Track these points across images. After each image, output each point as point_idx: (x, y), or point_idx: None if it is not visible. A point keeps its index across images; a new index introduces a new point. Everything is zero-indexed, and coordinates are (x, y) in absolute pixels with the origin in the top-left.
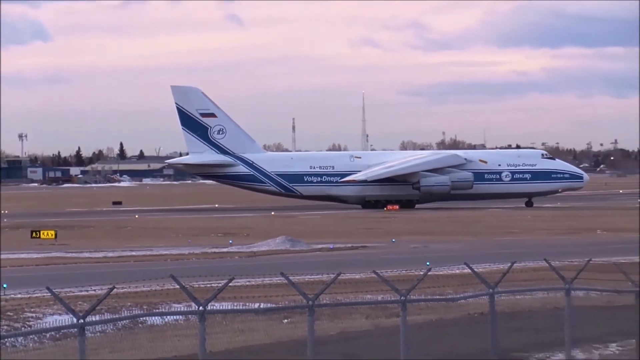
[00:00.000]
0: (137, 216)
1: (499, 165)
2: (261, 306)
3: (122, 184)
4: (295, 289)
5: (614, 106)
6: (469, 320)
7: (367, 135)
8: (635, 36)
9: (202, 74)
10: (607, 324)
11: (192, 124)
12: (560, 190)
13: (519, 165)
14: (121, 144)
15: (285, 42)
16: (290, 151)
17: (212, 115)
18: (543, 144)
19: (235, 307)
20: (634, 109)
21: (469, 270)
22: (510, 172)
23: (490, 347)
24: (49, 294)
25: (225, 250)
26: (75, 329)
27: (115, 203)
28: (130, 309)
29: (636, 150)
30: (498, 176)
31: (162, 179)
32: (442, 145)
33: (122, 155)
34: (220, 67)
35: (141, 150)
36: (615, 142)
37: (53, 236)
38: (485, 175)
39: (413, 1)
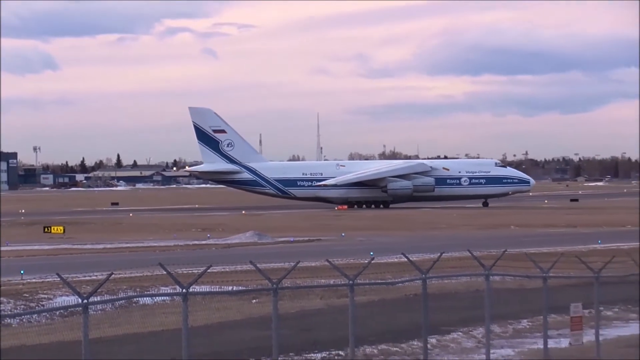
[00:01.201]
0: (131, 215)
1: (459, 172)
2: (234, 289)
3: (119, 188)
4: (262, 274)
5: (524, 123)
6: (405, 300)
7: (321, 148)
8: (541, 66)
9: (182, 98)
10: (519, 304)
11: (206, 138)
12: (510, 193)
13: (475, 172)
14: (118, 155)
15: (252, 72)
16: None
17: (223, 131)
18: (466, 154)
19: (212, 290)
20: (541, 125)
21: (406, 259)
22: (468, 177)
23: (422, 322)
24: (59, 279)
25: (204, 242)
26: (80, 308)
27: (113, 204)
28: (126, 291)
29: (543, 160)
30: (458, 181)
31: (152, 184)
32: (383, 156)
33: (118, 164)
34: (199, 93)
35: (135, 160)
36: (526, 153)
37: (62, 231)
38: (448, 180)
39: (358, 37)
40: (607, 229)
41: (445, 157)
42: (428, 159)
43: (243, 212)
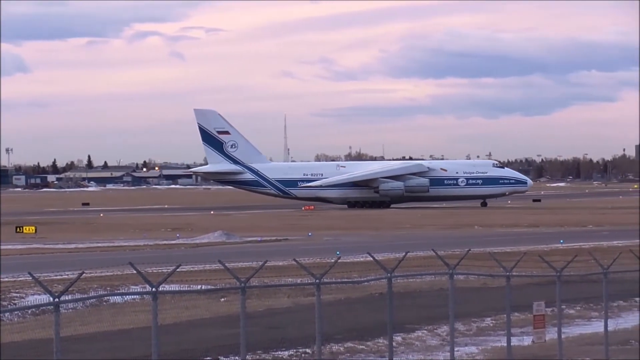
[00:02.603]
0: (101, 215)
1: (457, 172)
2: (203, 287)
3: (90, 188)
4: (230, 273)
5: (487, 126)
6: (370, 298)
7: (289, 149)
8: (503, 69)
9: (152, 101)
10: (483, 302)
11: (211, 139)
12: (507, 193)
13: (472, 172)
14: (89, 156)
15: (220, 75)
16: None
17: (227, 132)
18: (431, 155)
19: (181, 289)
20: (504, 127)
21: (371, 258)
22: (465, 178)
23: (388, 320)
24: (30, 278)
25: (173, 242)
26: (52, 307)
27: (84, 204)
28: (97, 290)
29: (506, 161)
30: (455, 182)
31: (122, 185)
32: (349, 157)
33: (89, 165)
34: (168, 95)
35: (105, 161)
36: (490, 154)
37: (33, 231)
38: (445, 181)
39: (322, 41)
40: (569, 228)
41: (411, 158)
42: (367, 160)
43: (211, 212)
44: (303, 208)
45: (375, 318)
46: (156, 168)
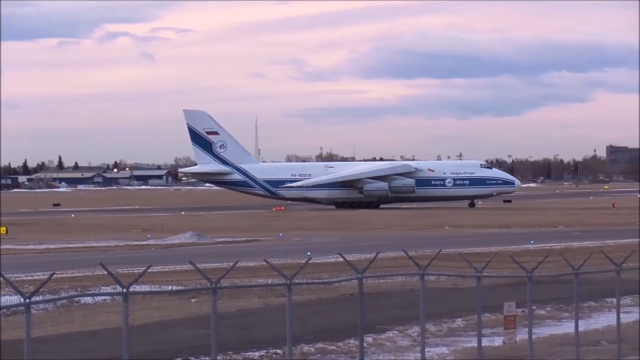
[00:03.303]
0: (72, 215)
1: (444, 173)
2: (173, 288)
3: (61, 189)
4: (201, 274)
5: (457, 126)
6: (341, 299)
7: (260, 150)
8: (474, 69)
9: (123, 101)
10: (453, 303)
11: (200, 140)
12: (494, 194)
13: (460, 173)
14: (60, 157)
15: (190, 76)
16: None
17: (215, 133)
18: (401, 156)
19: (152, 289)
20: (474, 128)
21: (342, 259)
22: (452, 179)
23: (359, 321)
24: (1, 279)
25: (144, 242)
26: (23, 307)
27: (55, 205)
28: (68, 290)
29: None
30: (442, 182)
31: (93, 185)
32: (320, 158)
33: (60, 165)
34: (138, 96)
35: (76, 162)
36: (460, 155)
37: (4, 231)
38: (432, 181)
39: (293, 42)
40: (540, 229)
41: (381, 159)
42: (338, 161)
43: (182, 212)
44: (274, 209)
45: (346, 318)
46: (127, 169)
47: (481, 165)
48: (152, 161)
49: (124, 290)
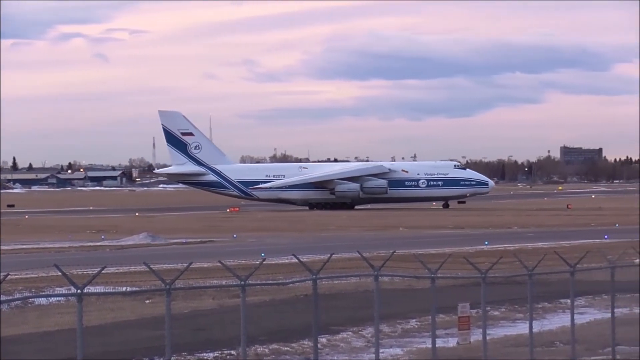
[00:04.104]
0: (27, 216)
1: (418, 174)
2: (128, 289)
3: (15, 190)
4: (155, 275)
5: (411, 127)
6: (296, 300)
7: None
8: (427, 71)
9: (77, 102)
10: (408, 304)
11: (175, 141)
12: (468, 195)
13: (434, 174)
14: (14, 158)
15: (144, 77)
16: (152, 164)
17: (190, 134)
18: (356, 157)
19: (106, 290)
20: (428, 129)
21: (297, 260)
22: (426, 179)
23: (313, 322)
24: None
25: (98, 244)
26: None
27: (9, 206)
28: (22, 291)
29: None
30: (416, 183)
31: (47, 186)
32: (274, 159)
33: (14, 166)
34: (92, 97)
35: (30, 163)
36: (415, 156)
37: None
38: (406, 182)
39: (246, 43)
40: (494, 230)
41: (335, 160)
42: (292, 162)
43: (136, 214)
44: (228, 210)
45: (300, 319)
46: (81, 170)
47: (455, 166)
48: (106, 162)
49: (78, 291)
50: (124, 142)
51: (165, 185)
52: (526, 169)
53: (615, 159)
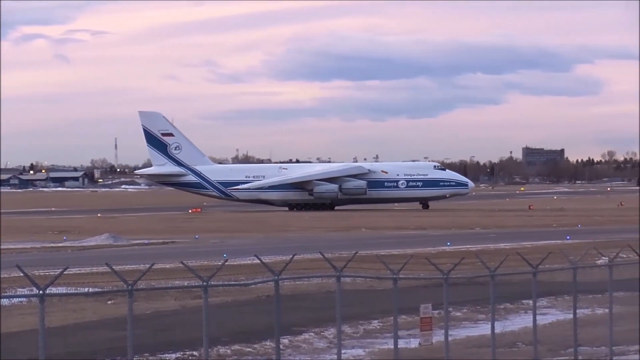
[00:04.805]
0: None
1: (397, 175)
2: (90, 290)
3: None
4: (117, 276)
5: (373, 128)
6: (258, 301)
7: None
8: (389, 71)
9: (38, 103)
10: (370, 305)
11: (155, 141)
12: (447, 195)
13: (413, 175)
14: None
15: (105, 77)
16: (114, 165)
17: (171, 134)
18: (318, 158)
19: (69, 291)
20: (390, 130)
21: (259, 261)
22: (405, 180)
23: (275, 322)
24: None
25: (60, 244)
26: None
27: None
28: None
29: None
30: (396, 184)
31: (9, 187)
32: (236, 159)
33: None
34: (53, 98)
35: None
36: (377, 157)
37: None
38: (385, 183)
39: (207, 44)
40: (456, 231)
41: (297, 161)
42: (254, 162)
43: (98, 214)
44: (189, 211)
45: (262, 320)
46: (43, 171)
47: (435, 167)
48: (68, 163)
49: (40, 292)
50: (86, 143)
51: (127, 186)
52: (488, 170)
53: (577, 160)
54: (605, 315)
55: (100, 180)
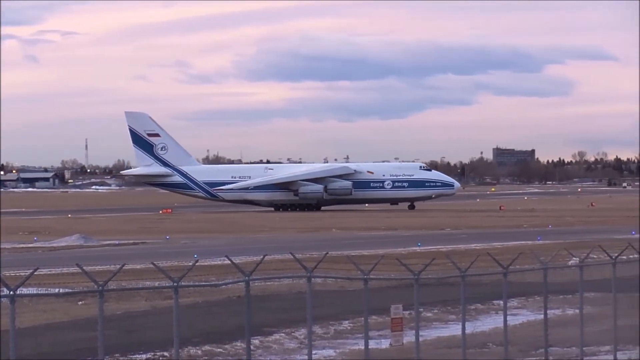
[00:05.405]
0: None
1: (383, 175)
2: (60, 291)
3: None
4: (88, 276)
5: (343, 129)
6: (229, 301)
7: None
8: (359, 72)
9: (8, 104)
10: (340, 305)
11: (141, 142)
12: (433, 196)
13: (399, 175)
14: None
15: (76, 78)
16: (84, 165)
17: (157, 135)
18: (288, 159)
19: (39, 292)
20: (360, 131)
21: (229, 262)
22: (391, 181)
23: (246, 323)
24: None
25: (30, 245)
26: None
27: None
28: None
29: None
30: (381, 184)
31: None
32: (207, 160)
33: None
34: (24, 99)
35: None
36: (347, 158)
37: None
38: (371, 183)
39: (177, 45)
40: (427, 231)
41: (268, 162)
42: (225, 163)
43: (69, 215)
44: (160, 211)
45: (233, 321)
46: (13, 171)
47: (421, 167)
48: (38, 164)
49: (11, 292)
50: (57, 144)
51: (97, 187)
52: (459, 171)
53: (547, 161)
54: (576, 315)
55: (70, 180)
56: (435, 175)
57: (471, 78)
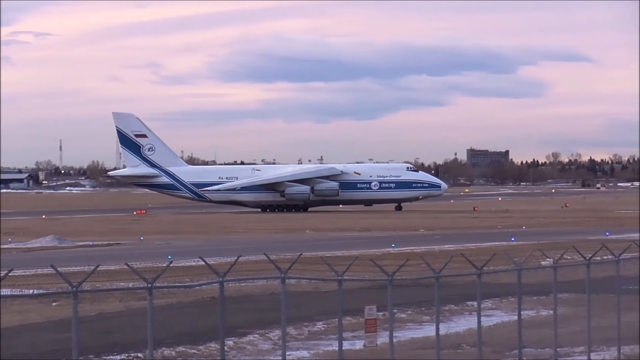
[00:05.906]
0: None
1: (370, 176)
2: (34, 292)
3: None
4: (62, 277)
5: (317, 130)
6: (202, 302)
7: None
8: (333, 73)
9: None
10: (314, 306)
11: (129, 143)
12: (420, 197)
13: (386, 176)
14: None
15: (49, 79)
16: (59, 166)
17: (144, 135)
18: (263, 160)
19: (13, 293)
20: (335, 132)
21: (203, 263)
22: (378, 182)
23: (220, 324)
24: None
25: (5, 246)
26: None
27: None
28: None
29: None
30: (368, 185)
31: None
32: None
33: None
34: None
35: None
36: (321, 159)
37: None
38: (358, 184)
39: (150, 46)
40: (401, 232)
41: (242, 163)
42: (199, 164)
43: (43, 216)
44: (134, 212)
45: (207, 322)
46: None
47: (408, 168)
48: (12, 165)
49: None
50: (31, 145)
51: (71, 188)
52: (433, 172)
53: (521, 162)
54: (550, 316)
55: (45, 182)
56: (422, 176)
57: (445, 79)
